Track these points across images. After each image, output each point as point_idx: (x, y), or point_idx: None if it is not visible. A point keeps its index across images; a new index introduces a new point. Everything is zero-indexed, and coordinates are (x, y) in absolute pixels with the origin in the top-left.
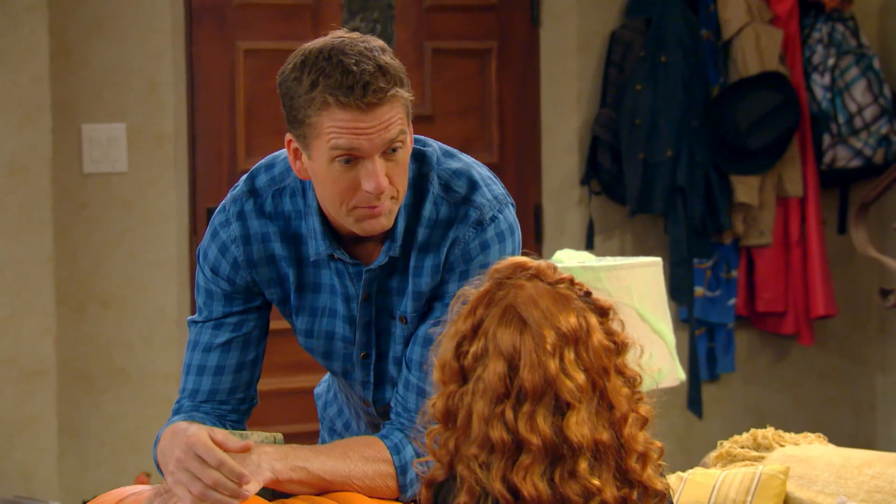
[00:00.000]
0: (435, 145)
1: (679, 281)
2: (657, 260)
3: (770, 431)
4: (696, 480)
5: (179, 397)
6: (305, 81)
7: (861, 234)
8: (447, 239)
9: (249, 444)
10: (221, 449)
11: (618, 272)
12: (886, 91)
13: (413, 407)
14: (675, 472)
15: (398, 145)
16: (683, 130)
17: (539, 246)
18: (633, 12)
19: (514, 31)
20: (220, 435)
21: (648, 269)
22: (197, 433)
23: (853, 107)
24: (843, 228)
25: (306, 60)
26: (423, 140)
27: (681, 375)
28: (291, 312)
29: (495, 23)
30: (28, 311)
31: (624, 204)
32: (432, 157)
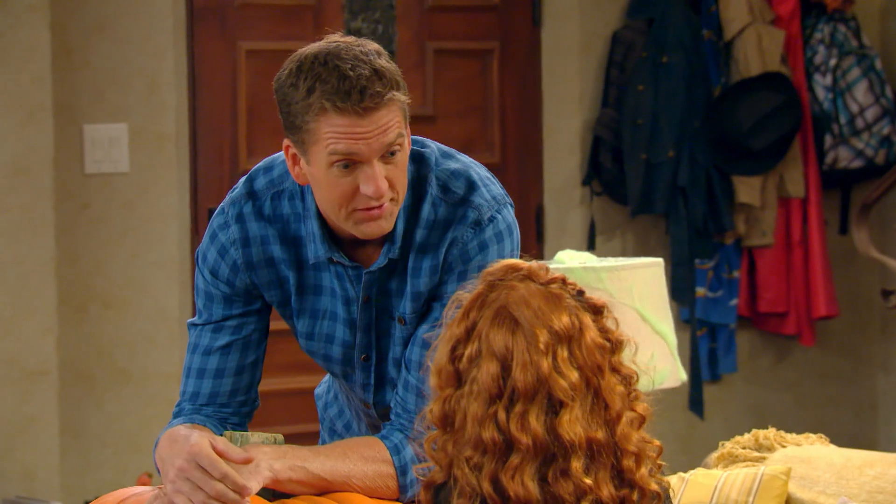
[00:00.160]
0: (433, 146)
1: (680, 281)
2: (658, 260)
3: (771, 432)
4: (698, 481)
5: (180, 400)
6: (302, 87)
7: (862, 234)
8: (445, 239)
9: (251, 457)
10: (223, 459)
11: (619, 273)
12: (888, 92)
13: (412, 408)
14: (677, 473)
15: (396, 148)
16: (685, 131)
17: (540, 246)
18: (634, 12)
19: (516, 32)
20: (222, 444)
21: (650, 269)
22: (199, 442)
23: (855, 107)
24: (844, 229)
25: (302, 66)
26: (422, 141)
27: (682, 376)
28: (292, 315)
29: (497, 23)
30: (30, 311)
31: (625, 204)
32: (430, 158)
